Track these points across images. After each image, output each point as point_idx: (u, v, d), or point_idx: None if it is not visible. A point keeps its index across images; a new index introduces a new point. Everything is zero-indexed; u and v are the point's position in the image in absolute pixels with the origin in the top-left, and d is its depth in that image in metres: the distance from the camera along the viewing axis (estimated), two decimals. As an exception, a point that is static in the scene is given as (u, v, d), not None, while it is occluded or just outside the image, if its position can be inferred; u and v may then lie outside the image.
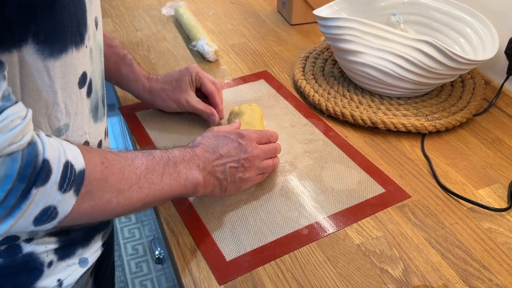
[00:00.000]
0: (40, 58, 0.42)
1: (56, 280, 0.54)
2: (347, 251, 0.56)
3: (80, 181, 0.41)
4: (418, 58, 0.71)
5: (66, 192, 0.40)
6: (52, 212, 0.40)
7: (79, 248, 0.56)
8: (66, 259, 0.55)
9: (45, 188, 0.38)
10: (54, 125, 0.47)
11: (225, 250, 0.56)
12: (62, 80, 0.45)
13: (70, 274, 0.55)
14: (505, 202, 0.64)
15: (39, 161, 0.38)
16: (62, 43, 0.43)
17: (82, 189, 0.41)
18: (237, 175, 0.58)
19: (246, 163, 0.58)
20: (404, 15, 0.87)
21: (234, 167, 0.57)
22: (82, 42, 0.46)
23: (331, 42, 0.79)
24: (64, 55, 0.44)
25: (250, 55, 0.97)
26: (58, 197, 0.39)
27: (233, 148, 0.58)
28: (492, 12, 0.84)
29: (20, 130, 0.36)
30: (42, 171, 0.38)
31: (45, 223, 0.40)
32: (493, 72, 0.87)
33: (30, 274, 0.51)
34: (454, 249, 0.57)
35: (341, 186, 0.65)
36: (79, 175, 0.41)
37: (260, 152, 0.60)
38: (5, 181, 0.36)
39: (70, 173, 0.40)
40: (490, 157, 0.71)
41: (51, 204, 0.39)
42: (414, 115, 0.76)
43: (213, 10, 1.16)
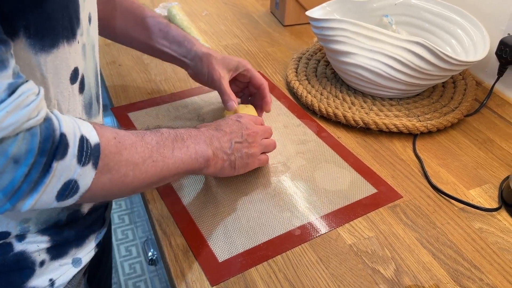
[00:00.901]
0: (31, 53, 0.42)
1: (48, 279, 0.53)
2: (339, 251, 0.56)
3: (96, 155, 0.42)
4: (410, 59, 0.72)
5: (85, 165, 0.41)
6: (74, 186, 0.41)
7: (72, 248, 0.56)
8: (59, 259, 0.54)
9: (65, 162, 0.39)
10: None
11: (217, 251, 0.56)
12: (54, 75, 0.45)
13: (63, 274, 0.55)
14: (495, 202, 0.64)
15: (56, 136, 0.39)
16: (53, 37, 0.43)
17: (100, 162, 0.42)
18: (243, 150, 0.59)
19: (249, 138, 0.60)
20: (396, 16, 0.87)
21: (239, 142, 0.59)
22: (74, 37, 0.46)
23: (323, 43, 0.80)
24: (55, 49, 0.44)
25: (243, 56, 0.97)
26: (78, 170, 0.40)
27: (235, 126, 0.60)
28: (483, 13, 0.84)
29: (36, 106, 0.38)
30: (60, 144, 0.39)
31: (68, 197, 0.41)
32: (484, 73, 0.87)
33: (21, 273, 0.51)
34: (445, 249, 0.57)
35: (334, 186, 0.65)
36: (95, 149, 0.42)
37: (259, 129, 0.63)
38: (27, 155, 0.37)
39: (87, 147, 0.41)
40: (481, 157, 0.72)
41: (72, 178, 0.40)
42: (406, 116, 0.76)
43: (206, 11, 1.16)
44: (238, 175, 0.63)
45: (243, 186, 0.65)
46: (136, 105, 0.80)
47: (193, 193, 0.63)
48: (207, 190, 0.64)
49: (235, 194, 0.63)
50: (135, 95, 0.83)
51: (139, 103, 0.81)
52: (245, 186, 0.65)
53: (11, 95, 0.36)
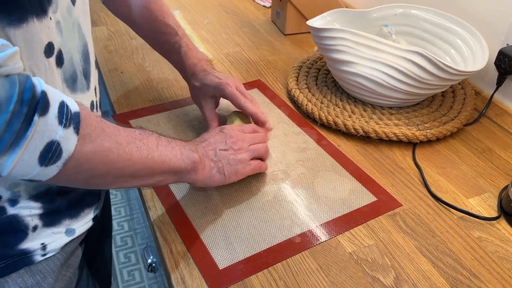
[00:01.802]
0: (0, 26, 0.43)
1: (40, 243, 0.56)
2: (339, 259, 0.57)
3: (77, 120, 0.42)
4: (410, 68, 0.72)
5: (67, 128, 0.41)
6: (57, 148, 0.40)
7: (66, 218, 0.58)
8: (52, 227, 0.56)
9: (46, 119, 0.39)
10: None
11: (218, 258, 0.56)
12: (26, 48, 0.46)
13: (55, 240, 0.57)
14: (495, 211, 0.64)
15: (37, 91, 0.39)
16: (20, 12, 0.44)
17: (81, 129, 0.42)
18: (229, 156, 0.60)
19: (235, 145, 0.61)
20: (396, 26, 0.88)
21: (224, 150, 0.60)
22: (44, 14, 0.47)
23: (324, 52, 0.80)
24: (24, 24, 0.45)
25: (244, 64, 0.98)
26: (60, 131, 0.40)
27: (218, 136, 0.61)
28: (482, 24, 0.85)
29: (11, 54, 0.38)
30: (41, 100, 0.39)
31: (51, 162, 0.40)
32: (483, 83, 0.88)
33: (15, 235, 0.54)
34: (445, 258, 0.57)
35: (334, 194, 0.65)
36: (75, 115, 0.42)
37: (245, 137, 0.63)
38: (7, 102, 0.37)
39: (67, 111, 0.41)
40: (480, 166, 0.72)
41: (54, 139, 0.40)
42: (406, 125, 0.77)
43: (207, 19, 1.17)
44: (238, 181, 0.63)
45: (243, 193, 0.65)
46: (138, 113, 0.81)
47: (193, 200, 0.64)
48: (208, 197, 0.64)
49: (235, 201, 0.64)
50: (137, 103, 0.84)
51: (140, 111, 0.81)
52: (245, 193, 0.65)
53: None
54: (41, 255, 0.56)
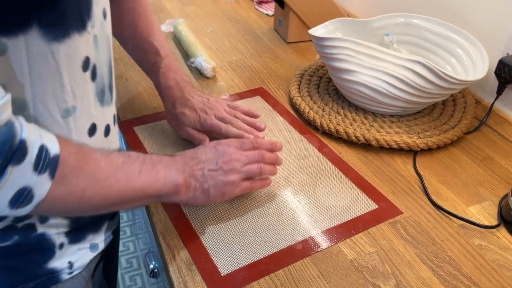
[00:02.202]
0: (45, 42, 0.44)
1: (67, 262, 0.56)
2: (340, 266, 0.57)
3: (54, 165, 0.42)
4: (411, 77, 0.73)
5: (41, 174, 0.41)
6: (28, 194, 0.41)
7: (89, 233, 0.58)
8: (77, 243, 0.57)
9: (20, 167, 0.39)
10: (62, 106, 0.49)
11: (220, 265, 0.56)
12: (67, 63, 0.47)
13: (81, 257, 0.57)
14: (495, 220, 0.65)
15: (16, 141, 0.39)
16: (64, 28, 0.45)
17: (57, 173, 0.42)
18: (218, 178, 0.58)
19: (225, 166, 0.58)
20: (397, 35, 0.89)
21: (213, 170, 0.58)
22: (84, 29, 0.48)
23: (326, 60, 0.81)
24: (67, 39, 0.46)
25: (247, 72, 0.99)
26: (34, 178, 0.41)
27: (211, 153, 0.59)
28: (483, 33, 0.86)
29: (1, 106, 0.38)
30: (18, 150, 0.39)
31: (21, 206, 0.41)
32: (483, 92, 0.89)
33: (43, 254, 0.54)
34: (445, 265, 0.58)
35: (335, 201, 0.66)
36: (53, 159, 0.42)
37: (240, 156, 0.60)
38: None
39: (45, 156, 0.41)
40: (480, 175, 0.73)
41: (26, 185, 0.40)
42: (407, 133, 0.78)
43: (211, 27, 1.18)
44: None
45: (245, 200, 0.66)
46: (142, 119, 0.82)
47: (196, 207, 0.64)
48: (210, 204, 0.65)
49: (237, 208, 0.64)
50: (141, 110, 0.85)
51: (144, 117, 0.82)
52: (247, 200, 0.66)
53: None
54: (68, 273, 0.56)
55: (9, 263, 0.53)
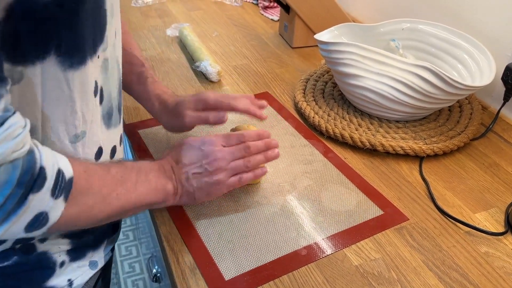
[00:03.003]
0: (60, 69, 0.44)
1: (66, 280, 0.55)
2: (345, 272, 0.56)
3: (69, 188, 0.43)
4: (417, 83, 0.73)
5: (57, 198, 0.42)
6: (44, 218, 0.42)
7: (90, 251, 0.58)
8: (77, 261, 0.56)
9: (40, 194, 0.40)
10: (71, 131, 0.49)
11: (224, 270, 0.56)
12: (80, 89, 0.47)
13: (80, 275, 0.57)
14: (502, 227, 0.64)
15: (36, 169, 0.40)
16: (81, 55, 0.45)
17: (70, 196, 0.43)
18: (203, 180, 0.58)
19: (210, 167, 0.58)
20: (403, 40, 0.89)
21: (197, 173, 0.58)
22: (95, 53, 0.48)
23: (331, 65, 0.81)
24: (83, 66, 0.46)
25: (252, 76, 0.99)
26: (51, 203, 0.42)
27: (195, 155, 0.58)
28: (489, 39, 0.86)
29: (22, 138, 0.39)
30: (38, 177, 0.40)
31: (36, 229, 0.42)
32: (490, 98, 0.88)
33: (43, 272, 0.53)
34: (451, 272, 0.57)
35: (340, 207, 0.66)
36: (68, 182, 0.43)
37: (225, 154, 0.59)
38: (5, 186, 0.38)
39: (61, 180, 0.42)
40: (487, 181, 0.72)
41: (43, 210, 0.41)
42: (413, 139, 0.77)
43: (216, 32, 1.18)
44: (244, 193, 0.63)
45: (250, 204, 0.65)
46: (146, 123, 0.82)
47: (201, 211, 0.64)
48: (215, 208, 0.65)
49: (242, 213, 0.64)
50: (146, 113, 0.84)
51: (149, 121, 0.82)
52: (252, 205, 0.65)
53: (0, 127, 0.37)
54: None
55: (7, 282, 0.52)
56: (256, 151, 0.61)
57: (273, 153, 0.63)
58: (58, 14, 0.41)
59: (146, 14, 1.26)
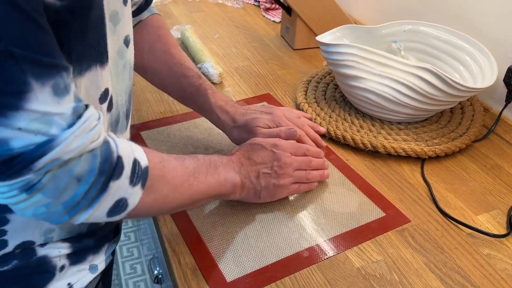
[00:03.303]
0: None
1: (66, 284, 0.55)
2: (347, 274, 0.56)
3: (145, 176, 0.46)
4: (418, 84, 0.73)
5: (135, 186, 0.45)
6: (124, 204, 0.45)
7: (90, 255, 0.58)
8: (77, 265, 0.56)
9: (120, 182, 0.43)
10: None
11: (225, 271, 0.56)
12: (85, 96, 0.47)
13: (80, 279, 0.57)
14: (504, 229, 0.64)
15: (114, 158, 0.43)
16: (89, 62, 0.46)
17: (147, 183, 0.46)
18: (271, 181, 0.61)
19: (279, 170, 0.62)
20: (405, 42, 0.89)
21: (267, 173, 0.61)
22: (106, 61, 0.49)
23: (333, 67, 0.81)
24: (88, 72, 0.46)
25: (253, 78, 0.99)
26: (129, 190, 0.44)
27: (267, 155, 0.62)
28: (491, 41, 0.86)
29: (98, 130, 0.41)
30: (117, 166, 0.43)
31: (117, 214, 0.45)
32: (492, 100, 0.88)
33: (42, 276, 0.53)
34: (453, 274, 0.57)
35: (342, 209, 0.66)
36: (144, 171, 0.46)
37: (293, 161, 0.63)
38: (89, 174, 0.41)
39: (138, 169, 0.45)
40: (489, 183, 0.72)
41: (123, 197, 0.44)
42: (414, 140, 0.77)
43: (218, 33, 1.19)
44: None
45: (252, 206, 0.65)
46: (149, 124, 0.82)
47: (203, 212, 0.64)
48: (217, 209, 0.65)
49: (244, 214, 0.64)
50: (148, 115, 0.85)
51: (151, 122, 0.82)
52: (254, 206, 0.65)
53: (77, 119, 0.39)
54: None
55: (7, 287, 0.52)
56: (315, 168, 0.66)
57: (327, 173, 0.69)
58: (69, 20, 0.41)
59: (148, 16, 1.26)
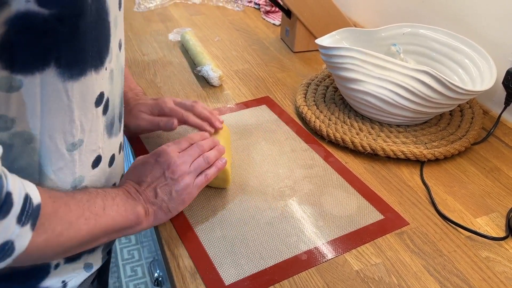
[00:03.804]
0: (60, 80, 0.44)
1: (61, 281, 0.55)
2: (346, 277, 0.57)
3: (36, 215, 0.42)
4: (417, 87, 0.73)
5: (24, 226, 0.41)
6: (10, 247, 0.40)
7: (85, 254, 0.58)
8: (72, 263, 0.56)
9: (6, 221, 0.39)
10: (68, 140, 0.49)
11: (224, 274, 0.56)
12: (80, 100, 0.47)
13: (75, 277, 0.57)
14: (503, 231, 0.64)
15: (2, 194, 0.38)
16: (82, 67, 0.46)
17: (37, 223, 0.42)
18: (171, 190, 0.58)
19: (174, 174, 0.58)
20: (404, 45, 0.89)
21: (164, 185, 0.57)
22: (102, 65, 0.49)
23: (332, 70, 0.81)
24: (83, 77, 0.46)
25: (253, 81, 0.99)
26: (17, 231, 0.40)
27: (155, 170, 0.58)
28: (490, 44, 0.86)
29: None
30: (5, 203, 0.38)
31: (1, 260, 0.40)
32: (491, 102, 0.88)
33: (37, 274, 0.53)
34: (452, 277, 0.57)
35: (341, 211, 0.66)
36: (36, 208, 0.42)
37: (184, 158, 0.59)
38: None
39: (29, 206, 0.41)
40: (488, 186, 0.72)
41: (9, 239, 0.40)
42: (413, 143, 0.77)
43: (218, 36, 1.19)
44: (244, 198, 0.63)
45: (251, 209, 0.65)
46: (148, 127, 0.82)
47: (201, 216, 0.64)
48: (215, 213, 0.65)
49: (242, 217, 0.64)
50: (147, 118, 0.85)
51: (151, 125, 0.82)
52: (252, 209, 0.65)
53: None
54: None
55: (1, 284, 0.52)
56: (208, 149, 0.63)
57: (221, 148, 0.65)
58: (58, 28, 0.41)
59: (149, 19, 1.27)
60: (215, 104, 0.90)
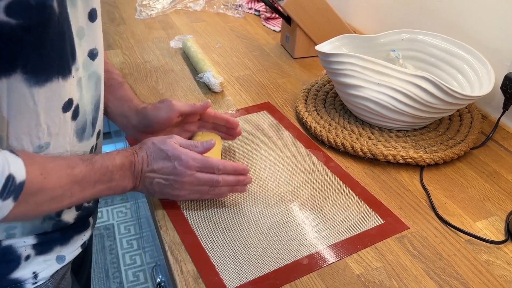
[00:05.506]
0: (26, 86, 0.46)
1: (31, 272, 0.57)
2: (347, 281, 0.57)
3: (19, 191, 0.45)
4: (417, 93, 0.74)
5: (6, 200, 0.44)
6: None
7: (57, 246, 0.60)
8: (44, 255, 0.58)
9: None
10: (35, 142, 0.51)
11: (226, 279, 0.57)
12: (46, 105, 0.49)
13: (46, 268, 0.58)
14: (502, 235, 0.65)
15: None
16: (48, 74, 0.48)
17: (20, 197, 0.45)
18: (165, 190, 0.62)
19: (176, 184, 0.61)
20: (403, 51, 0.90)
21: (161, 183, 0.61)
22: (69, 73, 0.51)
23: (332, 76, 0.82)
24: (49, 83, 0.48)
25: (254, 87, 1.00)
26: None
27: (167, 167, 0.60)
28: (488, 49, 0.87)
29: None
30: None
31: None
32: (490, 107, 0.89)
33: (7, 265, 0.55)
34: (452, 281, 0.57)
35: (341, 216, 0.66)
36: (19, 186, 0.45)
37: (194, 180, 0.61)
38: None
39: (11, 185, 0.44)
40: (487, 190, 0.73)
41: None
42: (413, 148, 0.78)
43: (219, 43, 1.20)
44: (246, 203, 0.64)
45: (252, 214, 0.66)
46: (150, 134, 0.83)
47: (204, 221, 0.65)
48: (218, 217, 0.65)
49: (244, 222, 0.65)
50: (150, 124, 0.86)
51: (153, 132, 0.83)
52: (254, 214, 0.66)
53: None
54: (32, 283, 0.57)
55: None
56: (224, 185, 0.64)
57: (241, 188, 0.66)
58: (24, 37, 0.43)
59: (150, 26, 1.28)
60: (217, 110, 0.91)
